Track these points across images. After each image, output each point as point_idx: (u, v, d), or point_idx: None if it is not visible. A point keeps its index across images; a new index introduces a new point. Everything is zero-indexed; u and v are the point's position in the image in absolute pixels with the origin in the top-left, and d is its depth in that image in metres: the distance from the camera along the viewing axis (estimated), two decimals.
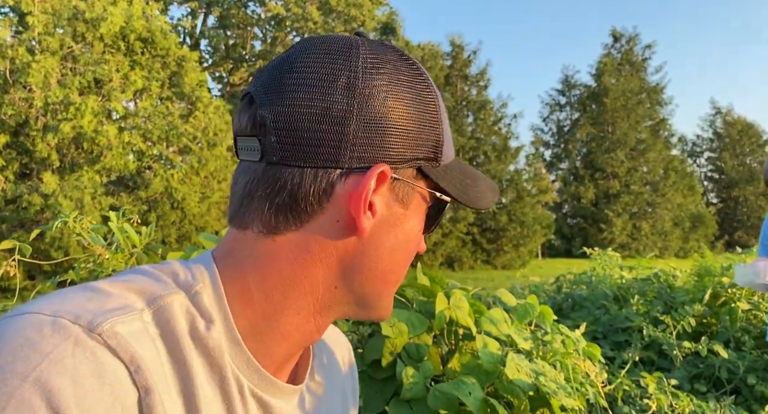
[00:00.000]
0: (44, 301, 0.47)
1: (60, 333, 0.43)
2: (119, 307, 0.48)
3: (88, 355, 0.43)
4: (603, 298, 3.20)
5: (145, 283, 0.52)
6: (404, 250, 0.61)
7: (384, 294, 0.62)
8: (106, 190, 11.91)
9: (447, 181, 0.60)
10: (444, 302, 1.59)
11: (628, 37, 31.52)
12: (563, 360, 1.61)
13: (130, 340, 0.46)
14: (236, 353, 0.54)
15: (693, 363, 2.60)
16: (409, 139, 0.57)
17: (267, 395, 0.57)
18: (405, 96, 0.57)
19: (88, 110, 11.25)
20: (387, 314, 0.65)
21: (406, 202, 0.59)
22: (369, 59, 0.57)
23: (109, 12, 12.48)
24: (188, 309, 0.52)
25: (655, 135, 30.92)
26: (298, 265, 0.57)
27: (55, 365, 0.41)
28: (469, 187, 0.63)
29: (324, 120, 0.54)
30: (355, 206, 0.55)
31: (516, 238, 22.26)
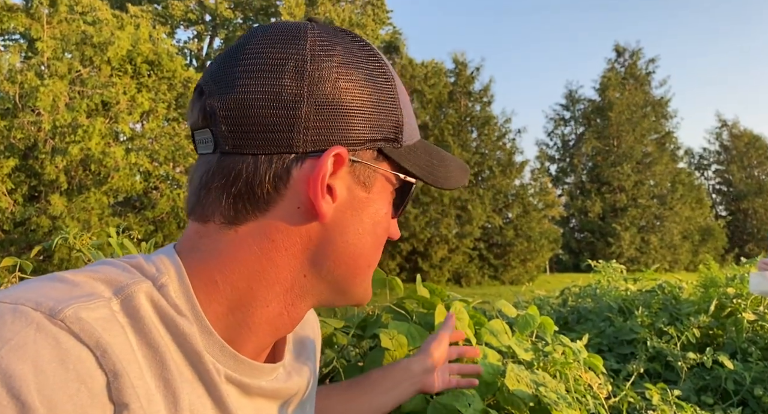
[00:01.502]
0: (7, 290, 0.47)
1: (21, 320, 0.43)
2: (84, 294, 0.48)
3: (50, 341, 0.42)
4: (608, 311, 3.18)
5: (112, 273, 0.52)
6: (371, 234, 0.60)
7: (357, 280, 0.61)
8: (113, 211, 12.02)
9: (411, 162, 0.60)
10: (443, 314, 1.59)
11: (632, 51, 31.69)
12: (563, 370, 1.61)
13: (96, 326, 0.45)
14: (209, 342, 0.54)
15: (699, 375, 2.57)
16: (365, 121, 0.56)
17: (246, 377, 0.57)
18: (357, 77, 0.56)
19: (95, 132, 11.40)
20: (364, 299, 0.64)
21: (368, 185, 0.58)
22: (318, 42, 0.56)
23: (117, 36, 12.72)
24: (156, 298, 0.52)
25: (661, 148, 30.85)
26: (263, 255, 0.56)
27: (16, 352, 0.41)
28: (436, 167, 0.62)
29: (274, 105, 0.53)
30: (313, 191, 0.54)
31: (523, 253, 22.14)
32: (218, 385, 0.53)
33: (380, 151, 0.58)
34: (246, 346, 0.57)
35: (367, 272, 0.62)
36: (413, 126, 0.62)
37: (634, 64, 31.55)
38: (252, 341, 0.57)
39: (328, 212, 0.55)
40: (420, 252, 20.31)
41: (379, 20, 26.01)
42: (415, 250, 20.29)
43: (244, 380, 0.56)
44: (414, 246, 20.03)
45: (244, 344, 0.57)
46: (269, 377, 0.60)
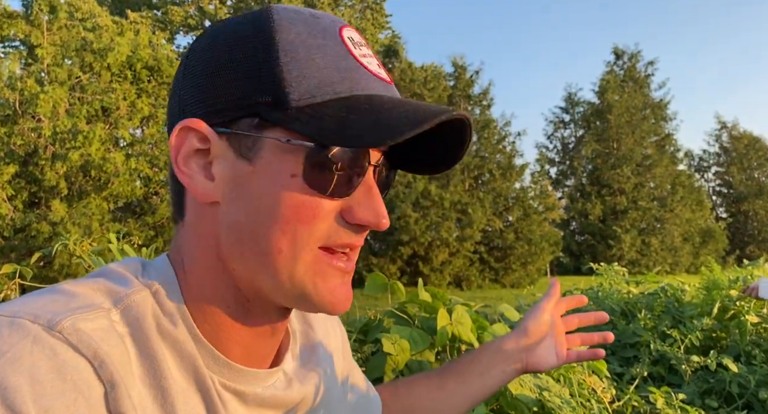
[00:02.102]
0: (6, 304, 0.48)
1: (18, 332, 0.43)
2: (83, 305, 0.48)
3: (47, 352, 0.43)
4: (610, 314, 3.17)
5: (110, 283, 0.53)
6: (267, 212, 0.51)
7: (271, 270, 0.52)
8: (113, 216, 12.03)
9: (305, 123, 0.50)
10: (446, 318, 1.59)
11: (630, 54, 31.75)
12: (566, 374, 1.60)
13: (94, 336, 0.46)
14: (201, 350, 0.54)
15: (703, 378, 2.55)
16: (228, 87, 0.51)
17: (242, 385, 0.56)
18: (222, 45, 0.53)
19: (95, 138, 11.42)
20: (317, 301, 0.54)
21: (249, 157, 0.51)
22: (206, 30, 0.57)
23: (116, 42, 12.76)
24: (153, 307, 0.52)
25: (661, 150, 30.88)
26: (198, 247, 0.55)
27: (12, 364, 0.41)
28: (353, 122, 0.49)
29: (171, 95, 0.57)
30: (175, 169, 0.53)
31: (524, 256, 22.12)
32: (213, 394, 0.53)
33: (261, 116, 0.51)
34: (233, 352, 0.56)
35: (280, 259, 0.52)
36: (327, 80, 0.51)
37: (633, 67, 31.62)
38: (236, 345, 0.56)
39: (205, 192, 0.52)
40: (421, 256, 20.30)
41: (379, 24, 26.11)
42: (415, 254, 20.28)
43: (239, 388, 0.55)
44: (415, 250, 20.01)
45: (230, 350, 0.56)
46: (265, 384, 0.58)
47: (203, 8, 24.91)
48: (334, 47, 0.52)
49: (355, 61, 0.52)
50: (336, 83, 0.51)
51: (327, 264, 0.53)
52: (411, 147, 0.58)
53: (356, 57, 0.53)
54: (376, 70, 0.54)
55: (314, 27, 0.52)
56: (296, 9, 0.54)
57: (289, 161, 0.50)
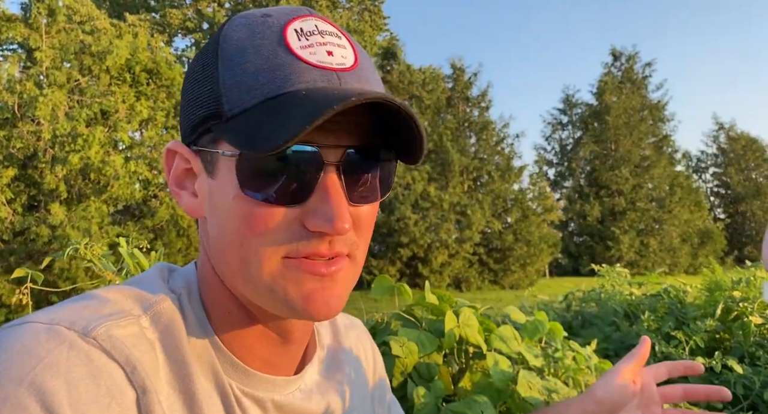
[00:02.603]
0: (43, 311, 0.49)
1: (55, 339, 0.45)
2: (115, 312, 0.50)
3: (83, 358, 0.44)
4: (613, 315, 3.17)
5: (141, 289, 0.54)
6: (227, 224, 0.51)
7: (240, 279, 0.53)
8: (113, 219, 12.01)
9: (232, 132, 0.49)
10: (453, 320, 1.59)
11: (628, 55, 31.82)
12: (575, 376, 1.60)
13: (126, 343, 0.47)
14: (220, 357, 0.55)
15: (708, 379, 2.56)
16: (190, 106, 0.53)
17: (260, 392, 0.56)
18: (192, 65, 0.56)
19: (95, 141, 11.41)
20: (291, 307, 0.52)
21: (211, 171, 0.53)
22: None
23: (115, 45, 12.74)
24: (178, 313, 0.54)
25: (658, 151, 30.95)
26: (204, 261, 0.58)
27: (50, 369, 0.43)
28: (267, 124, 0.47)
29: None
30: (170, 188, 0.57)
31: (523, 258, 22.14)
32: (231, 399, 0.54)
33: (210, 130, 0.51)
34: (251, 359, 0.57)
35: (244, 270, 0.51)
36: (256, 83, 0.49)
37: (630, 68, 31.69)
38: (252, 353, 0.57)
39: (194, 208, 0.55)
40: (420, 257, 20.30)
41: (377, 26, 26.12)
42: (415, 256, 20.28)
43: (257, 394, 0.56)
44: (414, 251, 20.02)
45: (248, 357, 0.57)
46: (283, 391, 0.59)
47: (201, 11, 24.92)
48: (269, 45, 0.50)
49: (290, 55, 0.49)
50: (265, 84, 0.49)
51: (299, 269, 0.51)
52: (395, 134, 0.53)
53: (293, 50, 0.50)
54: (319, 60, 0.50)
55: (257, 28, 0.51)
56: (249, 13, 0.53)
57: (234, 173, 0.50)
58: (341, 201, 0.50)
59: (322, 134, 0.49)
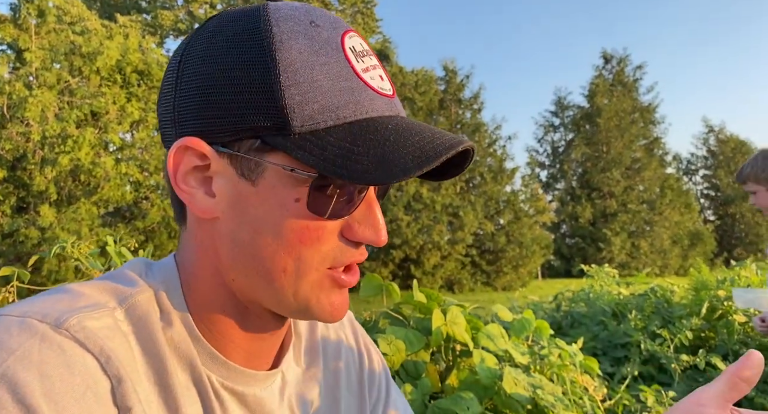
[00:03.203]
0: (15, 304, 0.49)
1: (27, 331, 0.45)
2: (89, 304, 0.50)
3: (55, 349, 0.44)
4: (601, 315, 3.20)
5: (116, 283, 0.54)
6: (270, 233, 0.51)
7: (276, 285, 0.53)
8: (103, 221, 11.93)
9: (309, 151, 0.49)
10: (441, 318, 1.61)
11: (619, 58, 32.02)
12: (560, 373, 1.62)
13: (99, 334, 0.47)
14: (199, 349, 0.55)
15: (692, 377, 2.59)
16: (228, 108, 0.50)
17: (239, 385, 0.57)
18: (219, 61, 0.50)
19: (85, 143, 11.34)
20: (318, 312, 0.54)
21: (252, 179, 0.51)
22: (200, 29, 0.54)
23: (106, 46, 12.68)
24: (155, 307, 0.54)
25: (649, 154, 31.15)
26: (199, 255, 0.56)
27: (21, 361, 0.43)
28: (359, 155, 0.48)
29: (161, 96, 0.55)
30: (174, 186, 0.53)
31: (515, 259, 22.19)
32: (209, 392, 0.54)
33: (263, 139, 0.50)
34: (232, 352, 0.57)
35: (284, 278, 0.52)
36: (331, 105, 0.49)
37: (621, 71, 31.89)
38: (235, 346, 0.57)
39: (206, 208, 0.53)
40: (412, 259, 20.30)
41: (369, 29, 26.15)
42: (407, 258, 20.28)
43: (237, 388, 0.56)
44: (406, 253, 20.02)
45: (229, 350, 0.57)
46: (263, 385, 0.59)
47: (193, 12, 24.84)
48: (336, 65, 0.50)
49: (358, 80, 0.51)
50: (340, 107, 0.49)
51: (331, 279, 0.54)
52: None
53: (359, 74, 0.51)
54: (379, 86, 0.52)
55: (316, 40, 0.50)
56: (295, 16, 0.52)
57: (293, 187, 0.50)
58: (381, 214, 0.55)
59: None
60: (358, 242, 0.54)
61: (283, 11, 0.52)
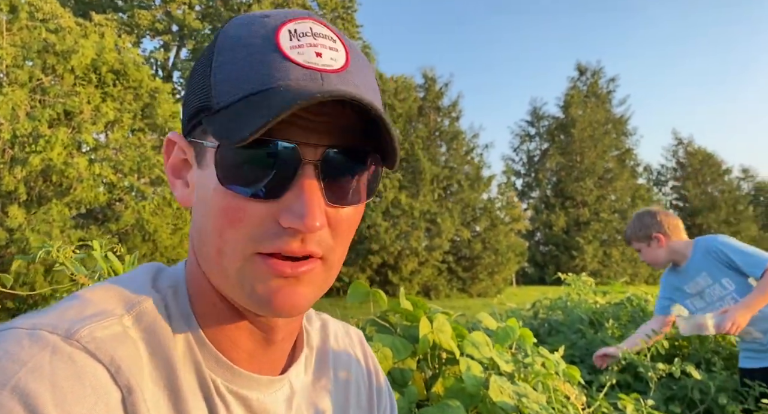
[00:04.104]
0: (25, 316, 0.50)
1: (38, 343, 0.45)
2: (98, 313, 0.50)
3: (66, 360, 0.45)
4: (579, 323, 3.26)
5: (124, 289, 0.55)
6: (208, 214, 0.52)
7: (216, 271, 0.53)
8: (75, 223, 11.64)
9: (214, 124, 0.50)
10: (428, 326, 1.62)
11: (593, 70, 32.75)
12: (545, 381, 1.64)
13: (110, 343, 0.48)
14: (205, 352, 0.55)
15: (667, 385, 2.65)
16: (188, 98, 0.55)
17: (244, 390, 0.57)
18: (197, 61, 0.57)
19: (57, 142, 11.06)
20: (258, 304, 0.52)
21: (200, 162, 0.54)
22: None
23: (81, 44, 12.41)
24: (163, 311, 0.55)
25: (621, 164, 31.86)
26: (191, 252, 0.59)
27: (33, 373, 0.43)
28: (243, 117, 0.48)
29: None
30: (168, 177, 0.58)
31: (491, 266, 22.40)
32: (213, 396, 0.54)
33: (202, 122, 0.52)
34: (237, 356, 0.57)
35: (221, 261, 0.52)
36: (242, 78, 0.50)
37: (595, 83, 32.60)
38: (239, 349, 0.58)
39: (186, 198, 0.57)
40: (390, 265, 20.32)
41: (349, 34, 26.17)
42: (385, 263, 20.30)
43: (241, 392, 0.57)
44: (384, 259, 20.03)
45: (234, 354, 0.57)
46: (268, 390, 0.59)
47: (171, 13, 24.54)
48: (260, 43, 0.50)
49: (277, 53, 0.50)
50: (249, 80, 0.49)
51: (265, 267, 0.51)
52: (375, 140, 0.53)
53: (281, 48, 0.50)
54: (306, 60, 0.50)
55: (253, 27, 0.52)
56: (251, 14, 0.55)
57: (216, 163, 0.51)
58: (315, 199, 0.50)
59: (304, 132, 0.49)
60: (290, 229, 0.50)
61: (245, 14, 0.55)
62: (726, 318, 2.27)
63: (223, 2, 24.96)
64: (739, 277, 2.44)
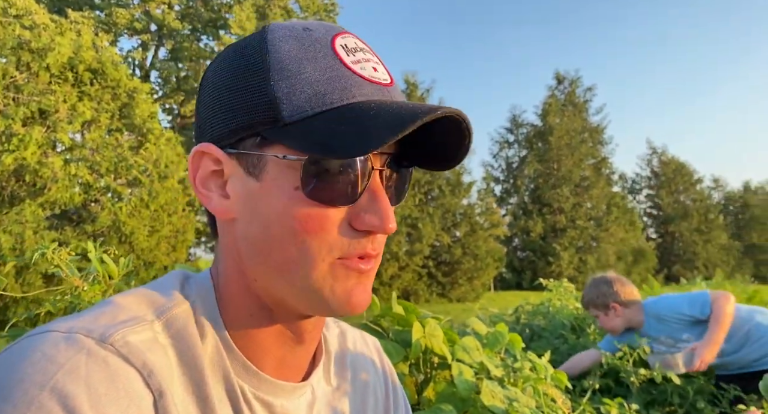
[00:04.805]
0: (61, 320, 0.51)
1: (74, 346, 0.47)
2: (130, 318, 0.52)
3: (101, 364, 0.46)
4: (561, 328, 3.30)
5: (155, 295, 0.56)
6: (277, 225, 0.53)
7: (287, 278, 0.55)
8: (49, 224, 11.37)
9: (297, 138, 0.51)
10: (420, 331, 1.63)
11: (571, 79, 33.29)
12: (535, 385, 1.67)
13: (142, 348, 0.49)
14: (232, 359, 0.57)
15: (647, 390, 2.70)
16: (230, 111, 0.54)
17: (269, 396, 0.58)
18: (225, 69, 0.56)
19: (32, 142, 10.82)
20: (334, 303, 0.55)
21: (256, 174, 0.54)
22: (220, 53, 0.60)
23: (57, 42, 12.17)
24: (191, 318, 0.56)
25: (597, 172, 32.41)
26: (227, 259, 0.59)
27: (70, 375, 0.44)
28: (344, 133, 0.50)
29: (195, 114, 0.61)
30: (195, 190, 0.57)
31: (470, 271, 22.54)
32: (240, 403, 0.56)
33: (261, 135, 0.53)
34: (265, 362, 0.59)
35: (294, 269, 0.54)
36: (318, 93, 0.52)
37: (573, 92, 33.13)
38: (268, 354, 0.59)
39: (223, 209, 0.56)
40: None
41: None
42: None
43: (267, 398, 0.58)
44: None
45: (263, 359, 0.59)
46: (292, 396, 0.60)
47: (150, 12, 24.20)
48: (324, 58, 0.53)
49: (345, 69, 0.53)
50: (327, 94, 0.52)
51: (344, 267, 0.55)
52: (421, 145, 0.59)
53: (347, 64, 0.54)
54: (370, 75, 0.55)
55: (305, 40, 0.54)
56: (289, 25, 0.56)
57: (291, 175, 0.53)
58: (388, 203, 0.55)
59: None
60: (368, 232, 0.54)
61: (281, 24, 0.56)
62: (695, 356, 2.38)
63: (203, 2, 24.74)
64: (696, 327, 2.53)
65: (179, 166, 13.73)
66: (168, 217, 13.44)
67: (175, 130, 22.07)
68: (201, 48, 24.51)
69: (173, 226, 13.52)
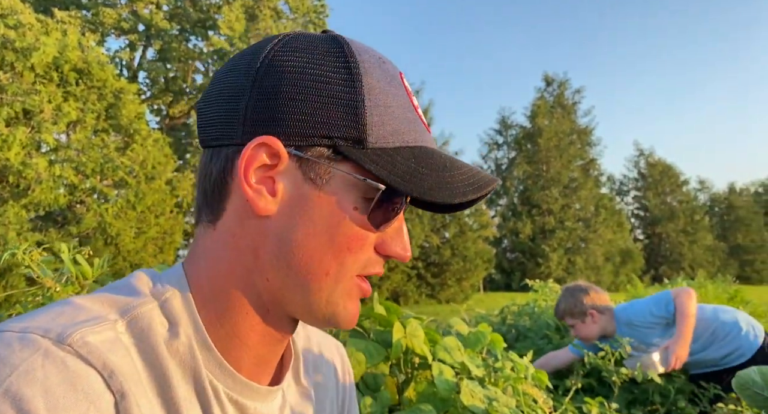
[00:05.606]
0: (15, 319, 0.49)
1: (29, 347, 0.44)
2: (90, 318, 0.50)
3: (59, 365, 0.44)
4: (546, 329, 3.31)
5: (119, 294, 0.54)
6: (326, 237, 0.54)
7: (314, 287, 0.55)
8: (33, 225, 11.24)
9: (381, 166, 0.53)
10: (401, 331, 1.62)
11: (560, 81, 33.54)
12: (515, 385, 1.67)
13: (102, 348, 0.47)
14: (208, 358, 0.55)
15: (629, 389, 2.72)
16: (310, 116, 0.53)
17: (243, 398, 0.57)
18: (309, 72, 0.54)
19: (15, 142, 10.69)
20: (337, 316, 0.57)
21: (318, 183, 0.54)
22: (281, 43, 0.57)
23: (42, 42, 12.04)
24: (160, 317, 0.54)
25: (585, 174, 32.66)
26: (232, 252, 0.56)
27: (25, 377, 0.42)
28: (422, 174, 0.54)
29: (221, 99, 0.56)
30: (241, 180, 0.54)
31: (459, 273, 22.60)
32: (212, 404, 0.54)
33: (337, 149, 0.54)
34: (242, 358, 0.58)
35: (325, 281, 0.55)
36: (399, 129, 0.55)
37: (561, 94, 33.40)
38: (247, 351, 0.58)
39: (265, 206, 0.54)
40: None
41: None
42: None
43: (240, 400, 0.57)
44: None
45: (240, 359, 0.57)
46: (264, 400, 0.60)
47: (138, 12, 24.02)
48: (402, 97, 0.57)
49: (415, 113, 0.58)
50: (405, 133, 0.56)
51: (358, 288, 0.58)
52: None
53: (416, 108, 0.59)
54: (424, 121, 0.60)
55: (386, 73, 0.57)
56: (368, 51, 0.58)
57: (355, 195, 0.54)
58: (407, 233, 0.61)
59: None
60: (385, 256, 0.59)
61: (359, 45, 0.58)
62: (670, 354, 2.40)
63: (192, 2, 24.61)
64: (666, 330, 2.55)
65: (167, 167, 13.64)
66: (155, 219, 13.34)
67: (163, 131, 21.91)
68: (189, 48, 24.37)
69: (160, 228, 13.41)
